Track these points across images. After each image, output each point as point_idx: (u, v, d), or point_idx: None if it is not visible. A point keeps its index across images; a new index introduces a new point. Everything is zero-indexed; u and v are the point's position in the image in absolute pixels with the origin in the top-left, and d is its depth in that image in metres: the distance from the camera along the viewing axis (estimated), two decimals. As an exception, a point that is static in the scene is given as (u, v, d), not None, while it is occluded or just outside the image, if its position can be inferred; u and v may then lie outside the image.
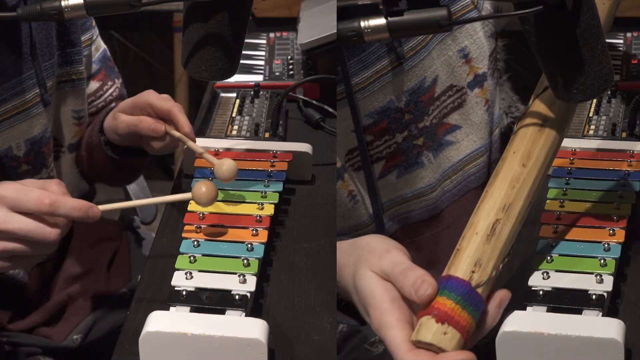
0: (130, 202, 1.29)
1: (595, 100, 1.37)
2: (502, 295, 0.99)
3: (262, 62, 1.78)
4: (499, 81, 1.35)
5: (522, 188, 1.02)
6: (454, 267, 0.99)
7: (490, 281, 0.98)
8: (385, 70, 1.21)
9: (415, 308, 0.99)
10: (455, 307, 0.95)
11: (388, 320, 0.97)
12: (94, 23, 1.49)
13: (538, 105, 1.06)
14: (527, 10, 0.95)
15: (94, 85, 1.50)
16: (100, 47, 1.51)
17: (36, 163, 1.37)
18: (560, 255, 1.07)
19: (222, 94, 1.61)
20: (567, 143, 1.26)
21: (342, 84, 1.19)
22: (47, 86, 1.36)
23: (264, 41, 1.86)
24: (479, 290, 0.97)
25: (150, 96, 1.31)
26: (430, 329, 0.94)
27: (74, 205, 1.04)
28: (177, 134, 1.29)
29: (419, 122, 1.25)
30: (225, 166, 1.20)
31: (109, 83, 1.52)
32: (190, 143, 1.28)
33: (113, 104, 1.52)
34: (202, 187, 1.13)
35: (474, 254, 0.99)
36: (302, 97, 1.61)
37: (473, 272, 0.98)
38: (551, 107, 1.05)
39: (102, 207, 1.08)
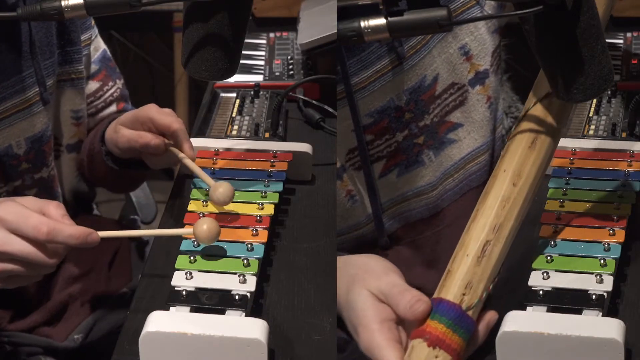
0: (132, 232, 1.26)
1: (595, 100, 1.37)
2: (490, 317, 1.01)
3: (262, 62, 1.78)
4: (501, 79, 1.35)
5: (513, 208, 1.03)
6: (445, 289, 0.99)
7: (480, 303, 0.99)
8: (385, 69, 1.21)
9: (407, 328, 1.00)
10: (446, 331, 0.96)
11: (379, 340, 0.98)
12: (93, 23, 1.49)
13: (529, 120, 1.06)
14: (527, 10, 0.95)
15: (93, 85, 1.50)
16: (99, 47, 1.51)
17: (36, 161, 1.37)
18: (560, 255, 1.07)
19: (222, 94, 1.61)
20: (567, 143, 1.26)
21: (341, 83, 1.19)
22: (47, 85, 1.36)
23: (264, 41, 1.86)
24: (470, 312, 0.98)
25: (151, 111, 1.30)
26: (422, 353, 0.96)
27: (71, 234, 1.03)
28: (177, 152, 1.28)
29: (420, 121, 1.25)
30: (222, 188, 1.18)
31: (110, 84, 1.52)
32: (188, 162, 1.27)
33: (113, 105, 1.52)
34: (203, 225, 1.09)
35: (464, 277, 1.00)
36: (302, 97, 1.61)
37: (464, 294, 0.99)
38: (543, 122, 1.05)
39: (102, 233, 1.07)
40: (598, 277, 1.03)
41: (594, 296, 1.01)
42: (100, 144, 1.39)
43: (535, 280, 1.04)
